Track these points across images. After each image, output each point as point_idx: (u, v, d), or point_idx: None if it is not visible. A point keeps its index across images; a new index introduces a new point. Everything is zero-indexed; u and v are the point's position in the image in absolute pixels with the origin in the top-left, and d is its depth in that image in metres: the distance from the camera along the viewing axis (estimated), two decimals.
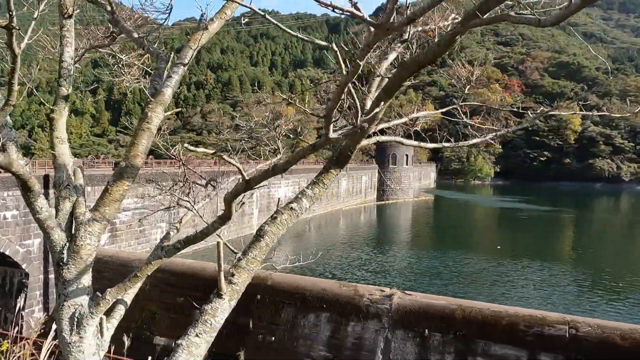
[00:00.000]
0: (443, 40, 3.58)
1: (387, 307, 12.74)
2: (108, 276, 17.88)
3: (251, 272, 4.21)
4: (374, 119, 4.17)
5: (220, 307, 4.43)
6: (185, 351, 4.15)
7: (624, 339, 10.38)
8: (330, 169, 4.54)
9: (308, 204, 4.39)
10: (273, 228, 4.27)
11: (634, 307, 25.70)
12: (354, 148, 4.34)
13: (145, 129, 5.11)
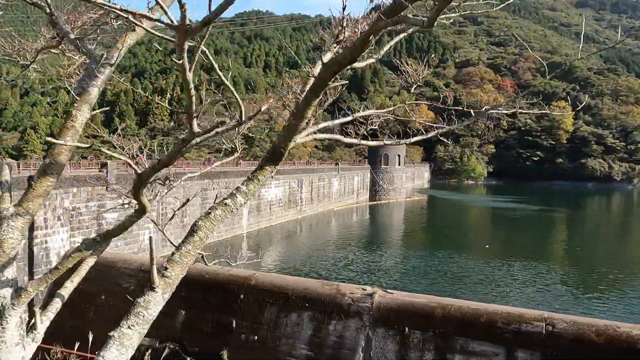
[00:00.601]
0: (358, 41, 3.72)
1: (368, 306, 12.86)
2: (91, 276, 17.87)
3: (185, 266, 4.31)
4: (302, 116, 4.29)
5: (153, 300, 4.51)
6: (117, 342, 4.24)
7: (599, 335, 10.54)
8: (265, 166, 4.64)
9: (242, 200, 4.47)
10: (207, 223, 4.34)
11: (618, 304, 25.98)
12: (286, 145, 4.43)
13: (70, 127, 5.21)
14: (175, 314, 15.51)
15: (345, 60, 3.84)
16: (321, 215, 55.90)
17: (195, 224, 4.34)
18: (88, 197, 20.34)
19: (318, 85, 4.10)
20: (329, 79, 4.06)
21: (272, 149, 4.60)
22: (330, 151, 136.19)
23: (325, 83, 4.04)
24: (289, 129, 4.43)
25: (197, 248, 4.20)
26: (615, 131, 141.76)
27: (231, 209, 4.39)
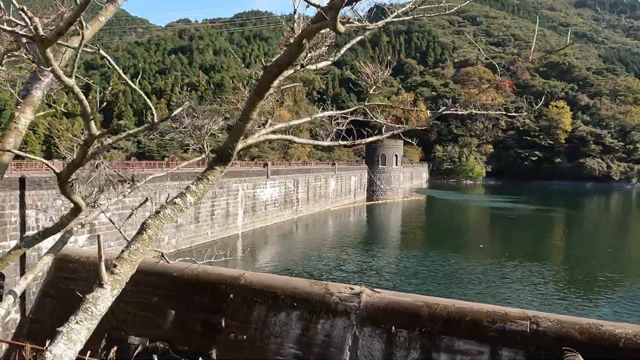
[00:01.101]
0: (293, 45, 3.84)
1: (355, 305, 12.97)
2: (84, 276, 18.00)
3: (134, 264, 4.39)
4: (247, 118, 4.39)
5: (102, 296, 4.60)
6: (65, 337, 4.34)
7: (582, 333, 10.65)
8: (214, 167, 4.72)
9: (192, 199, 4.55)
10: (156, 222, 4.42)
11: (613, 303, 26.05)
12: (234, 146, 4.51)
13: (13, 129, 5.31)
14: (165, 313, 15.61)
15: (283, 64, 3.96)
16: (318, 216, 55.97)
17: (144, 222, 4.41)
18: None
19: (260, 87, 4.22)
20: (271, 82, 4.17)
21: (220, 150, 4.69)
22: (329, 151, 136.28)
23: (267, 85, 4.15)
24: (235, 130, 4.54)
25: (147, 246, 4.28)
26: (613, 131, 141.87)
27: (180, 208, 4.46)
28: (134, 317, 15.97)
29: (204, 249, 32.20)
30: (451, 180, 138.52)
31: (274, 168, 46.08)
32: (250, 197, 40.48)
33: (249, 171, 41.10)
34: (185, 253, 29.86)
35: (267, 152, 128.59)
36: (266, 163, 46.01)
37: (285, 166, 53.45)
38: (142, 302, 16.25)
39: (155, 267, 17.13)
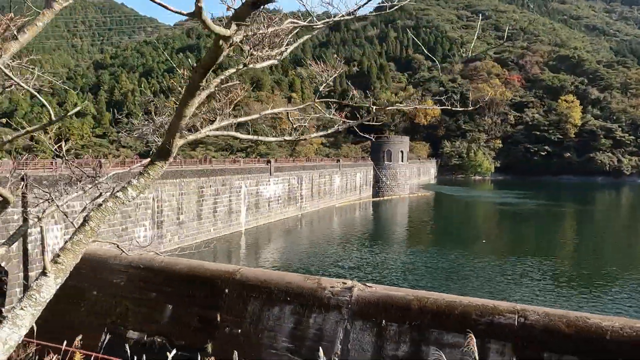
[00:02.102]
0: (212, 46, 4.01)
1: (347, 299, 13.14)
2: (85, 273, 18.36)
3: (77, 253, 4.60)
4: (181, 116, 4.55)
5: (46, 284, 4.82)
6: (10, 322, 4.58)
7: (569, 326, 10.73)
8: (155, 162, 4.88)
9: (134, 193, 4.70)
10: (98, 214, 4.58)
11: (614, 297, 25.95)
12: (171, 143, 4.67)
13: None
14: (162, 309, 15.90)
15: (206, 64, 4.14)
16: (322, 212, 56.08)
17: (87, 215, 4.59)
18: (82, 194, 20.68)
19: (191, 87, 4.39)
20: (199, 81, 4.33)
21: (160, 146, 4.86)
22: (337, 148, 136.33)
23: (196, 85, 4.32)
24: (170, 127, 4.72)
25: (89, 237, 4.45)
26: (624, 124, 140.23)
27: (122, 201, 4.62)
28: (133, 312, 16.33)
29: (206, 245, 32.54)
30: (459, 176, 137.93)
31: (278, 165, 46.28)
32: (254, 194, 40.67)
33: (252, 168, 41.29)
34: (189, 250, 30.13)
35: (274, 149, 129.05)
36: (269, 160, 46.19)
37: (289, 163, 53.60)
38: (140, 298, 16.61)
39: (153, 263, 17.47)
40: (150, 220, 26.06)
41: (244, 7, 3.73)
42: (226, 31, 3.72)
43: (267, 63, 5.30)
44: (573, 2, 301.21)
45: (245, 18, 3.72)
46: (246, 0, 3.70)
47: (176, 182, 29.09)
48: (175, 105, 5.60)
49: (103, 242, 5.69)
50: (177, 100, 5.32)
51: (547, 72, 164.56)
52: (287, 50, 5.42)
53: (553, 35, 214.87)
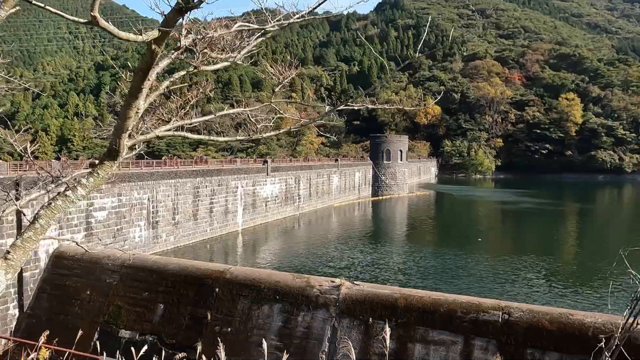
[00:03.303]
0: (145, 50, 4.14)
1: (335, 297, 13.26)
2: (79, 272, 18.46)
3: (27, 250, 4.66)
4: (125, 117, 4.67)
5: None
6: None
7: (552, 322, 10.82)
8: (105, 162, 4.99)
9: (83, 192, 4.81)
10: (48, 212, 4.68)
11: (601, 294, 25.94)
12: (118, 144, 4.78)
13: None
14: (154, 308, 16.02)
15: (144, 66, 4.27)
16: (320, 212, 56.17)
17: (37, 213, 4.70)
18: None
19: (132, 89, 4.52)
20: (140, 84, 4.44)
21: (109, 147, 4.97)
22: (337, 147, 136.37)
23: (138, 87, 4.43)
24: (115, 128, 4.84)
25: (39, 234, 4.55)
26: (625, 122, 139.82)
27: (72, 200, 4.73)
28: (125, 311, 16.37)
29: (202, 245, 32.67)
30: (460, 175, 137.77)
31: (275, 165, 46.38)
32: (250, 194, 40.78)
33: (248, 168, 41.37)
34: (184, 250, 30.37)
35: (275, 149, 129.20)
36: (266, 160, 46.33)
37: (287, 163, 53.68)
38: (133, 297, 16.65)
39: (145, 263, 17.53)
40: (145, 220, 26.22)
41: (170, 14, 3.87)
42: (136, 37, 3.88)
43: (220, 65, 5.41)
44: (574, 0, 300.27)
45: (173, 24, 3.86)
46: (172, 8, 3.84)
47: (171, 182, 29.25)
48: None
49: (59, 239, 5.79)
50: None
51: (547, 70, 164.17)
52: (240, 53, 5.52)
53: (554, 33, 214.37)
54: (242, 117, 12.59)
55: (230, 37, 5.23)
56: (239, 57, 5.42)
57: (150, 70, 4.23)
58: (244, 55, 5.47)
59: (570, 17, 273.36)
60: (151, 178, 27.05)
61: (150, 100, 4.89)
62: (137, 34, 3.95)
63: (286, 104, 8.05)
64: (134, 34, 4.06)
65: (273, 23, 5.21)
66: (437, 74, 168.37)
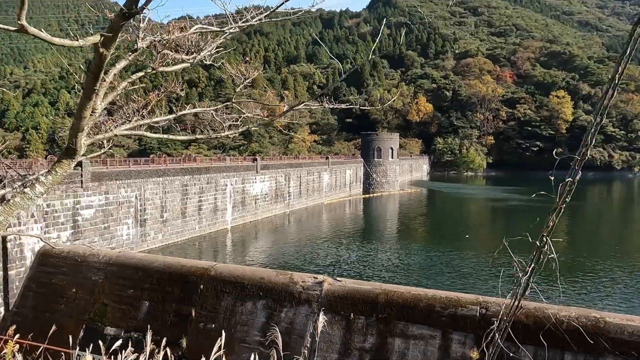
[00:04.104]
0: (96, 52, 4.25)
1: (317, 293, 13.43)
2: (65, 270, 18.50)
3: None
4: (80, 117, 4.77)
5: None
6: None
7: (528, 316, 11.06)
8: (62, 160, 5.10)
9: (42, 189, 4.91)
10: (6, 209, 4.77)
11: (584, 289, 26.34)
12: (74, 143, 4.89)
13: None
14: (139, 305, 16.12)
15: (94, 68, 4.40)
16: (310, 209, 56.32)
17: None
18: (63, 194, 21.04)
19: (86, 90, 4.62)
20: (93, 85, 4.56)
21: (66, 146, 5.08)
22: (330, 145, 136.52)
23: (90, 88, 4.55)
24: (71, 128, 4.95)
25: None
26: (615, 120, 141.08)
27: (30, 197, 4.83)
28: (111, 308, 16.46)
29: (191, 243, 32.72)
30: (452, 172, 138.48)
31: (264, 163, 46.44)
32: (239, 192, 40.84)
33: (238, 166, 41.43)
34: (173, 248, 30.43)
35: (267, 147, 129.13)
36: (255, 158, 46.39)
37: (277, 161, 53.76)
38: (119, 295, 16.74)
39: (131, 261, 17.62)
40: (133, 218, 26.25)
41: (114, 19, 3.98)
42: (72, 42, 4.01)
43: (179, 66, 5.53)
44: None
45: (119, 29, 3.97)
46: (116, 13, 3.95)
47: (159, 180, 29.26)
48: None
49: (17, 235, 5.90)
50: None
51: (538, 68, 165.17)
52: (200, 54, 5.64)
53: (545, 31, 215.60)
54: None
55: (195, 38, 5.35)
56: (199, 58, 5.54)
57: (101, 72, 4.33)
58: (204, 57, 5.59)
59: (561, 15, 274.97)
60: (139, 176, 27.10)
61: (109, 100, 5.00)
62: (74, 39, 4.04)
63: (250, 104, 8.18)
64: (69, 40, 4.15)
65: (233, 26, 5.32)
66: (429, 71, 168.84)
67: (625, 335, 10.27)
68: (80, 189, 22.23)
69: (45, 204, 19.06)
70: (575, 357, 10.86)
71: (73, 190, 21.54)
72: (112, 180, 24.65)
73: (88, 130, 4.76)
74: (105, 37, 3.84)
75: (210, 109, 6.52)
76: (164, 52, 5.17)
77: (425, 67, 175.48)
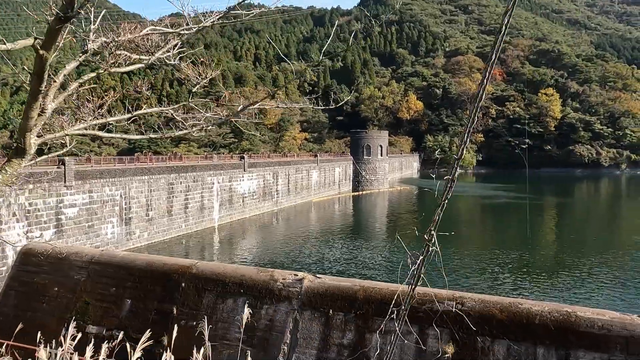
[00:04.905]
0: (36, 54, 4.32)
1: (297, 290, 13.57)
2: (47, 269, 18.48)
3: None
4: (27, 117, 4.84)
5: None
6: None
7: (502, 311, 11.27)
8: (12, 160, 5.17)
9: None
10: None
11: (567, 285, 26.73)
12: (23, 142, 4.96)
13: None
14: (122, 303, 16.19)
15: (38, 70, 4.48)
16: (299, 207, 56.43)
17: None
18: (45, 193, 21.00)
19: (32, 91, 4.70)
20: (37, 86, 4.64)
21: (15, 145, 5.14)
22: (321, 143, 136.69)
23: (36, 89, 4.62)
24: (20, 128, 5.02)
25: None
26: (603, 117, 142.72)
27: None
28: (93, 307, 16.58)
29: (177, 241, 32.69)
30: (442, 170, 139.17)
31: (252, 161, 46.43)
32: (227, 190, 40.82)
33: (225, 164, 41.40)
34: (159, 246, 30.37)
35: (258, 145, 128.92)
36: (242, 156, 46.36)
37: (265, 159, 53.72)
38: (101, 293, 16.85)
39: (113, 259, 17.72)
40: (118, 217, 26.19)
41: (52, 22, 4.06)
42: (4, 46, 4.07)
43: (133, 67, 5.61)
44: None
45: (57, 32, 4.04)
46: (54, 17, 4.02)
47: (145, 178, 29.20)
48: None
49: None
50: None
51: (527, 66, 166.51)
52: (154, 55, 5.72)
53: (535, 30, 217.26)
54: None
55: (155, 39, 5.42)
56: (153, 59, 5.61)
57: (44, 74, 4.39)
58: (165, 57, 5.67)
59: (550, 14, 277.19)
60: (123, 174, 27.04)
61: (60, 101, 5.07)
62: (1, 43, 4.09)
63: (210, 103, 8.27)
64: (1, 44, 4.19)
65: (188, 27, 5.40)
66: (419, 69, 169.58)
67: (595, 329, 10.55)
68: (64, 188, 22.19)
69: (27, 202, 19.02)
70: (547, 351, 11.14)
71: (56, 188, 21.50)
72: (97, 178, 24.59)
73: (38, 130, 4.82)
74: (45, 40, 3.90)
75: (169, 109, 6.59)
76: (117, 53, 5.25)
77: (416, 65, 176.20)
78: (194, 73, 6.06)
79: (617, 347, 10.07)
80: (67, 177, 22.37)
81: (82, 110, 5.72)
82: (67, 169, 22.55)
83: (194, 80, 6.09)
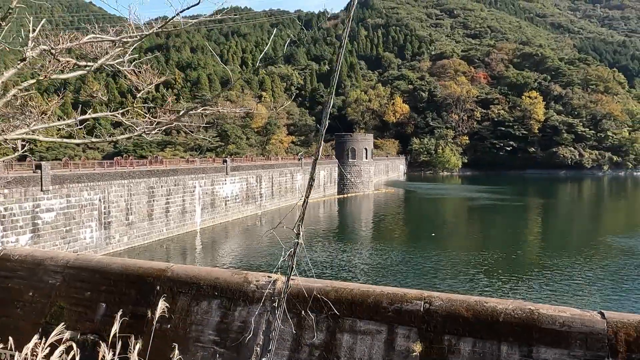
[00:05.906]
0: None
1: (270, 292, 13.69)
2: (23, 274, 18.36)
3: None
4: None
5: None
6: None
7: (468, 310, 11.51)
8: None
9: None
10: None
11: (541, 286, 27.11)
12: None
13: None
14: (96, 307, 16.17)
15: None
16: (283, 210, 56.46)
17: None
18: (21, 198, 20.84)
19: None
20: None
21: None
22: (307, 146, 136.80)
23: None
24: None
25: None
26: (585, 120, 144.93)
27: None
28: (67, 311, 16.52)
29: (158, 245, 32.54)
30: (428, 172, 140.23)
31: (235, 164, 46.37)
32: (209, 194, 40.75)
33: (207, 168, 41.31)
34: (139, 250, 30.23)
35: (244, 148, 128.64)
36: (225, 159, 46.27)
37: (248, 162, 53.68)
38: (75, 297, 16.82)
39: (89, 263, 17.70)
40: (97, 221, 26.05)
41: None
42: None
43: (75, 74, 5.73)
44: (539, 0, 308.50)
45: None
46: None
47: (124, 182, 29.07)
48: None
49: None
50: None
51: (511, 69, 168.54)
52: (98, 62, 5.85)
53: (519, 33, 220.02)
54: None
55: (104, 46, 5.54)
56: (96, 65, 5.74)
57: None
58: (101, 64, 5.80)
59: (534, 18, 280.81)
60: (102, 178, 26.87)
61: None
62: None
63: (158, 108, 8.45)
64: None
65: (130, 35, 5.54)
66: (405, 72, 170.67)
67: (557, 326, 10.86)
68: (40, 192, 22.02)
69: (2, 207, 18.82)
70: (510, 347, 11.43)
71: (32, 193, 21.32)
72: (75, 182, 24.43)
73: None
74: None
75: (117, 113, 6.71)
76: (56, 60, 5.36)
77: (402, 69, 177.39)
78: (139, 80, 6.19)
79: (577, 343, 10.39)
80: (43, 181, 22.19)
81: (27, 115, 5.81)
82: (44, 173, 22.37)
83: (140, 86, 6.21)
